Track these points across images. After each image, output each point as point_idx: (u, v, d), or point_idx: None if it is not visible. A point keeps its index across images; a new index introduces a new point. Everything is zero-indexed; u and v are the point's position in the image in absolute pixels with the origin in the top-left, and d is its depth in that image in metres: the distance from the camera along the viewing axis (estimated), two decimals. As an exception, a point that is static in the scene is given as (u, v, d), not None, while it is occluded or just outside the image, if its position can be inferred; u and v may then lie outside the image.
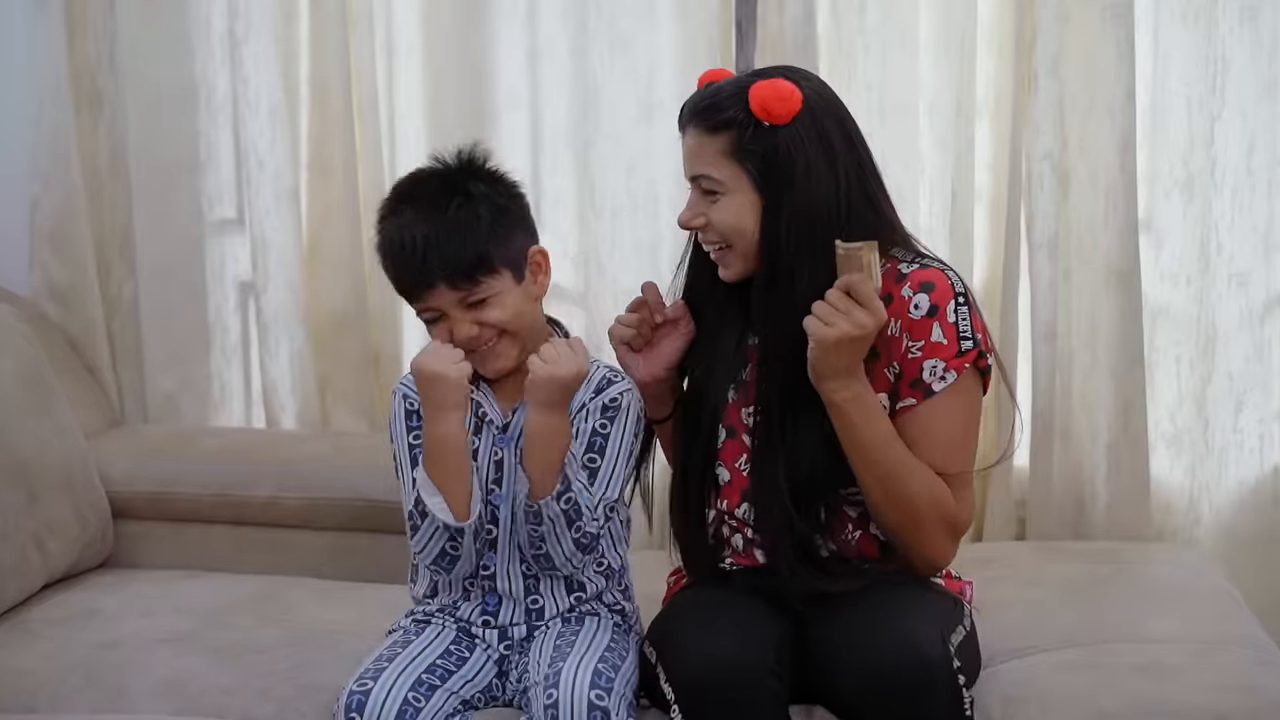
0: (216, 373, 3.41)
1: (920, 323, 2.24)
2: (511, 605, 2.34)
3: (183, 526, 3.01)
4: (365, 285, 3.29)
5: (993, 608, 2.48)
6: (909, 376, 2.25)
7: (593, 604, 2.36)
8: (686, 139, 2.29)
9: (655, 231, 3.20)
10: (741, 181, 2.25)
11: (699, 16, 3.12)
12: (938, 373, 2.24)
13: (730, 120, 2.23)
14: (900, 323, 2.25)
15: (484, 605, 2.34)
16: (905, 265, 2.29)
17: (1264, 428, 3.12)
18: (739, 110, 2.23)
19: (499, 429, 2.33)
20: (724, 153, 2.25)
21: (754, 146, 2.23)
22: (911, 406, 2.26)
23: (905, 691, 2.09)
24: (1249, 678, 2.30)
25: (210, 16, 3.29)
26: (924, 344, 2.24)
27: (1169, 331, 3.13)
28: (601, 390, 2.33)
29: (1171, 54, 3.07)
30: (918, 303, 2.24)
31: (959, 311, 2.25)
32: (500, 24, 3.24)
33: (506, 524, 2.32)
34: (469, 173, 2.30)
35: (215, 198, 3.37)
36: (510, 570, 2.33)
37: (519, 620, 2.34)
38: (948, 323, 2.24)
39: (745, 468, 2.33)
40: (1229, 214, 3.07)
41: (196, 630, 2.55)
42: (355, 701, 2.17)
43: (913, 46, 3.09)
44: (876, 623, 2.15)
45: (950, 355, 2.24)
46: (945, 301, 2.24)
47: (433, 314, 2.28)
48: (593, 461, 2.29)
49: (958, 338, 2.24)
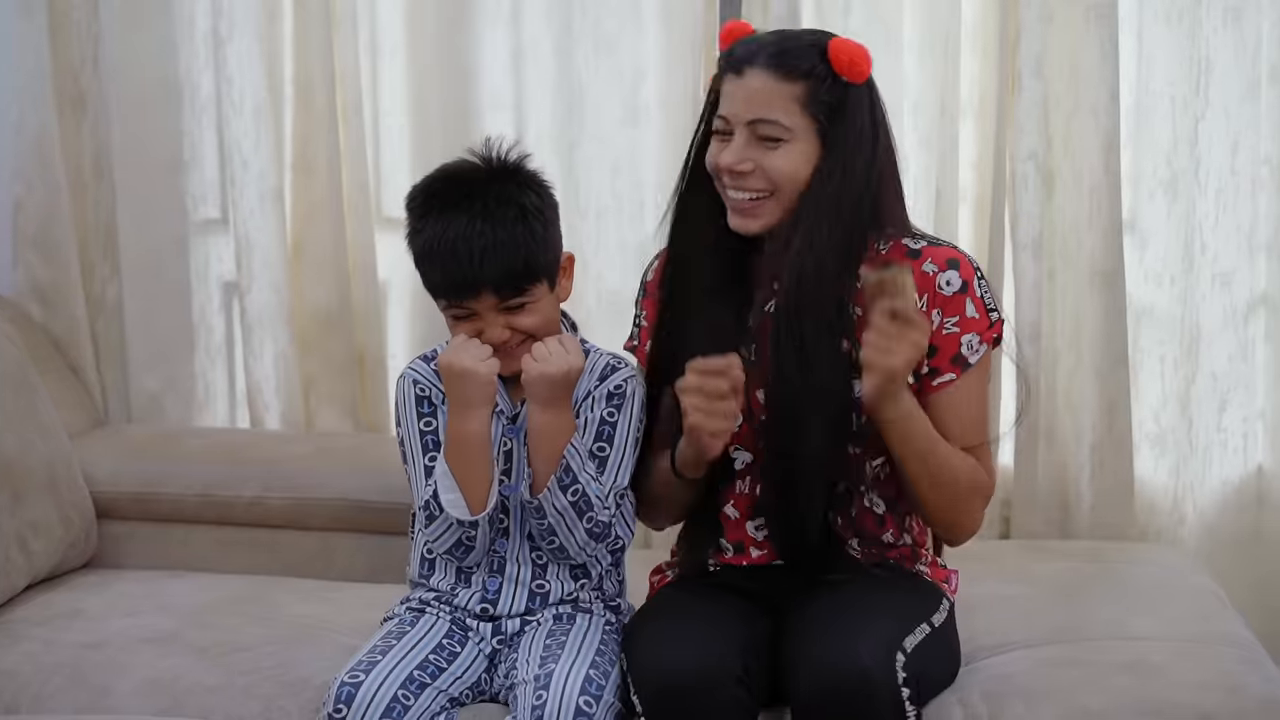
0: (201, 373, 3.40)
1: (954, 299, 2.26)
2: (514, 590, 2.35)
3: (167, 527, 3.00)
4: (350, 285, 3.28)
5: (977, 606, 2.49)
6: (948, 352, 2.26)
7: (591, 595, 2.36)
8: (749, 79, 2.24)
9: (641, 232, 3.20)
10: (808, 132, 2.23)
11: (683, 18, 3.13)
12: (973, 346, 2.27)
13: (809, 70, 2.22)
14: (928, 298, 2.26)
15: (484, 592, 2.35)
16: (912, 242, 2.29)
17: (1247, 427, 3.13)
18: (818, 61, 2.23)
19: (508, 419, 2.34)
20: (797, 100, 2.22)
21: (826, 98, 2.23)
22: (952, 381, 2.27)
23: (843, 703, 2.08)
24: (1232, 676, 2.30)
25: (194, 16, 3.28)
26: (959, 319, 2.26)
27: (1153, 331, 3.14)
28: (605, 378, 2.35)
29: (1155, 54, 3.07)
30: (949, 279, 2.26)
31: (981, 285, 2.28)
32: (485, 24, 3.24)
33: (517, 513, 2.34)
34: (517, 179, 2.31)
35: (199, 198, 3.36)
36: (520, 556, 2.35)
37: (518, 610, 2.34)
38: (976, 297, 2.27)
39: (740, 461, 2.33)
40: (1213, 214, 3.08)
41: (181, 630, 2.54)
42: (345, 693, 2.18)
43: (897, 46, 3.09)
44: (822, 634, 2.14)
45: (984, 329, 2.27)
46: (971, 277, 2.27)
47: (465, 312, 2.29)
48: (602, 450, 2.31)
49: (986, 311, 2.27)
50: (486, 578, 2.35)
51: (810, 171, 2.24)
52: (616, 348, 3.15)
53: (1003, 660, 2.37)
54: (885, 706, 2.09)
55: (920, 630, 2.22)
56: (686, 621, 2.23)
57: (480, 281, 2.25)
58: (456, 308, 2.29)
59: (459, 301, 2.28)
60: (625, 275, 3.19)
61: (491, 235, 2.25)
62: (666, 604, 2.34)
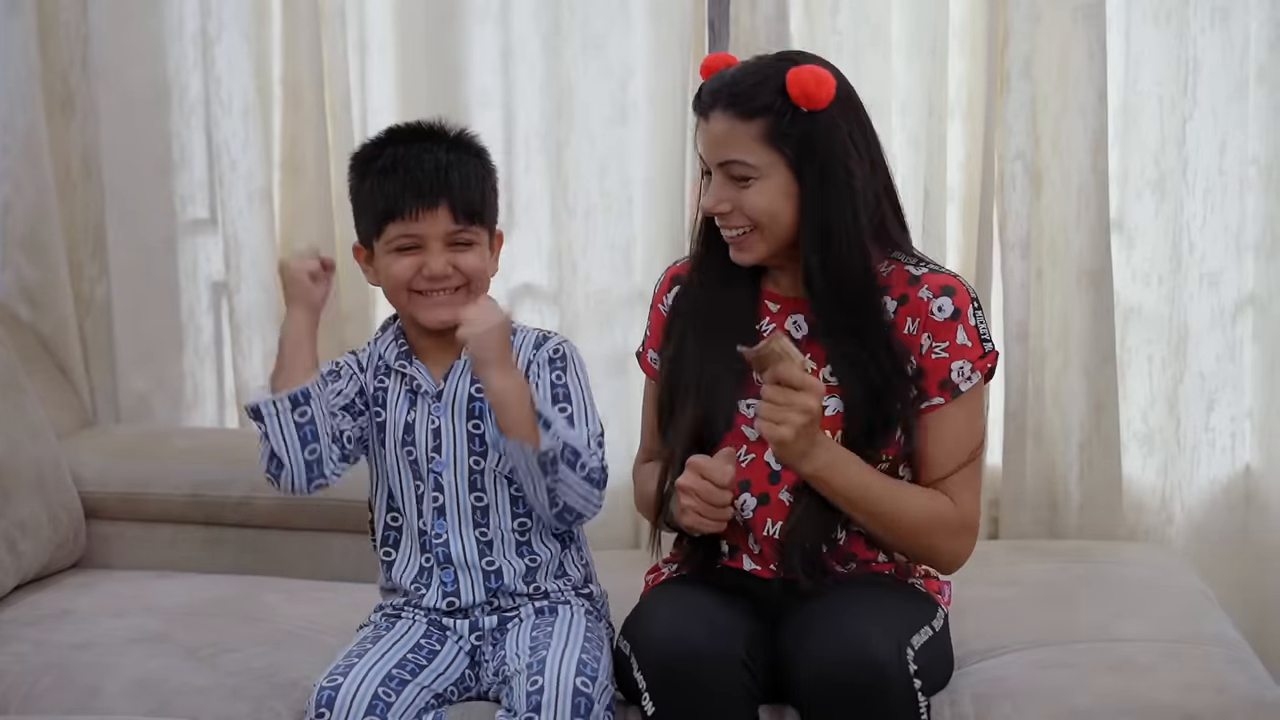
0: (189, 373, 3.40)
1: (944, 324, 2.26)
2: (469, 576, 2.35)
3: (155, 527, 3.00)
4: (338, 285, 3.28)
5: (966, 607, 2.49)
6: (936, 375, 2.27)
7: (560, 588, 2.37)
8: (713, 124, 2.25)
9: (629, 232, 3.20)
10: (777, 166, 2.24)
11: (672, 16, 3.13)
12: (964, 373, 2.27)
13: (766, 106, 2.22)
14: (919, 321, 2.27)
15: (443, 586, 2.35)
16: (913, 268, 2.30)
17: (1235, 426, 3.14)
18: (774, 96, 2.22)
19: (433, 397, 2.36)
20: (759, 138, 2.23)
21: (791, 131, 2.22)
22: (940, 405, 2.28)
23: (856, 696, 2.09)
24: (1220, 676, 2.31)
25: (183, 16, 3.28)
26: (949, 345, 2.27)
27: (1141, 331, 3.14)
28: (540, 345, 2.36)
29: (1143, 55, 3.08)
30: (940, 305, 2.27)
31: (976, 315, 2.29)
32: (473, 23, 3.24)
33: (452, 489, 2.34)
34: (473, 146, 2.38)
35: (188, 198, 3.36)
36: (464, 534, 2.35)
37: (480, 598, 2.34)
38: (970, 326, 2.27)
39: (745, 459, 2.33)
40: (1200, 214, 3.08)
41: (169, 630, 2.54)
42: (325, 697, 2.19)
43: (885, 46, 3.09)
44: (833, 626, 2.15)
45: (975, 357, 2.27)
46: (966, 306, 2.28)
47: (411, 241, 2.30)
48: (564, 410, 2.31)
49: (980, 340, 2.28)
50: (440, 571, 2.36)
51: (792, 203, 2.25)
52: (604, 349, 3.18)
53: (992, 662, 2.37)
54: (899, 696, 2.11)
55: (924, 631, 2.24)
56: (692, 605, 2.24)
57: (440, 193, 2.28)
58: (405, 234, 2.29)
59: (411, 221, 2.28)
60: (614, 274, 3.19)
61: (456, 159, 2.31)
62: (671, 592, 2.35)
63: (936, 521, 2.28)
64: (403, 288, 2.32)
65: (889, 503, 2.26)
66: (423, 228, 2.29)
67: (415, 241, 2.30)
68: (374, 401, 2.39)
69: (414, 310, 2.33)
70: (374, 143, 2.38)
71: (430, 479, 2.35)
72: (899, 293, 2.28)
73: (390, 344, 2.40)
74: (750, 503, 2.32)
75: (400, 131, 2.38)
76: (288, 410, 2.28)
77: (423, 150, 2.31)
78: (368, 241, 2.36)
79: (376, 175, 2.32)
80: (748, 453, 2.33)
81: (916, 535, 2.29)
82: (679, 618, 2.20)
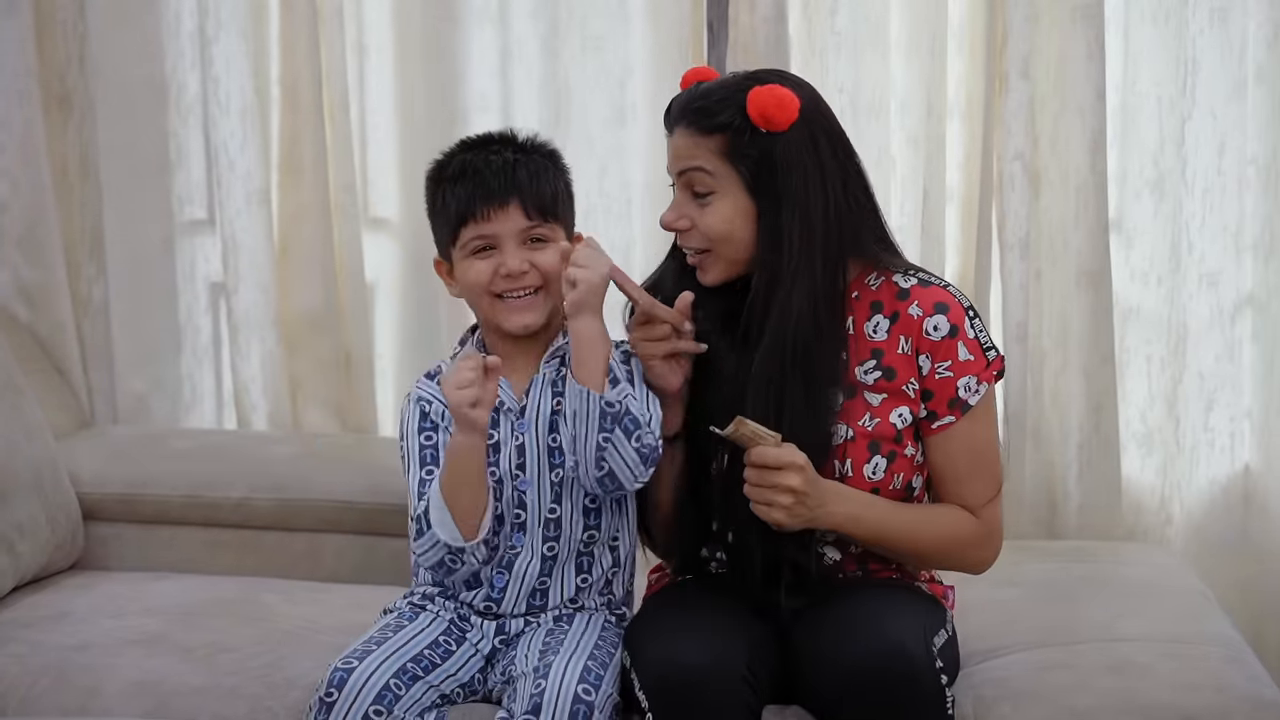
0: (187, 374, 3.40)
1: (943, 344, 2.25)
2: (519, 587, 2.34)
3: (153, 528, 3.00)
4: (337, 285, 3.28)
5: (966, 607, 2.49)
6: (944, 396, 2.26)
7: (594, 597, 2.36)
8: (676, 137, 2.26)
9: (628, 233, 3.20)
10: (734, 184, 2.22)
11: (670, 17, 3.13)
12: (971, 388, 2.27)
13: (725, 124, 2.21)
14: (912, 341, 2.26)
15: (490, 589, 2.35)
16: (901, 279, 2.28)
17: (1234, 427, 3.14)
18: (735, 114, 2.20)
19: (516, 414, 2.34)
20: (717, 153, 2.22)
21: (750, 151, 2.20)
22: (952, 424, 2.27)
23: (889, 690, 2.08)
24: (1220, 676, 2.30)
25: (180, 16, 3.28)
26: (951, 363, 2.26)
27: (1140, 331, 3.14)
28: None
29: (1142, 55, 3.08)
30: (936, 324, 2.25)
31: (974, 325, 2.27)
32: (471, 24, 3.24)
33: (534, 506, 2.33)
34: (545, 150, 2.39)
35: (186, 198, 3.36)
36: (534, 545, 2.34)
37: (519, 610, 2.34)
38: (969, 339, 2.26)
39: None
40: (1199, 214, 3.08)
41: (167, 631, 2.54)
42: (338, 677, 2.19)
43: (884, 47, 3.09)
44: (860, 622, 2.15)
45: (980, 369, 2.27)
46: (961, 320, 2.26)
47: (485, 242, 2.29)
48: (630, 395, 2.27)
49: (982, 351, 2.27)
50: (494, 574, 2.35)
51: (750, 226, 2.23)
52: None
53: (992, 663, 2.37)
54: (929, 690, 2.11)
55: (941, 633, 2.25)
56: (691, 618, 2.23)
57: (510, 191, 2.28)
58: (479, 235, 2.29)
59: (485, 221, 2.28)
60: (612, 276, 3.19)
61: (525, 160, 2.32)
62: (670, 601, 2.34)
63: (960, 541, 2.30)
64: (483, 291, 2.30)
65: (910, 539, 2.27)
66: (495, 227, 2.29)
67: (489, 242, 2.29)
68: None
69: (496, 316, 2.31)
70: (445, 155, 2.37)
71: (515, 496, 2.33)
72: (890, 310, 2.26)
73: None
74: None
75: (470, 141, 2.38)
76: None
77: (490, 153, 2.32)
78: (446, 253, 2.35)
79: (448, 183, 2.31)
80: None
81: (943, 557, 2.32)
82: (678, 635, 2.18)
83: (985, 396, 2.28)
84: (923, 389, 2.27)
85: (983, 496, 2.31)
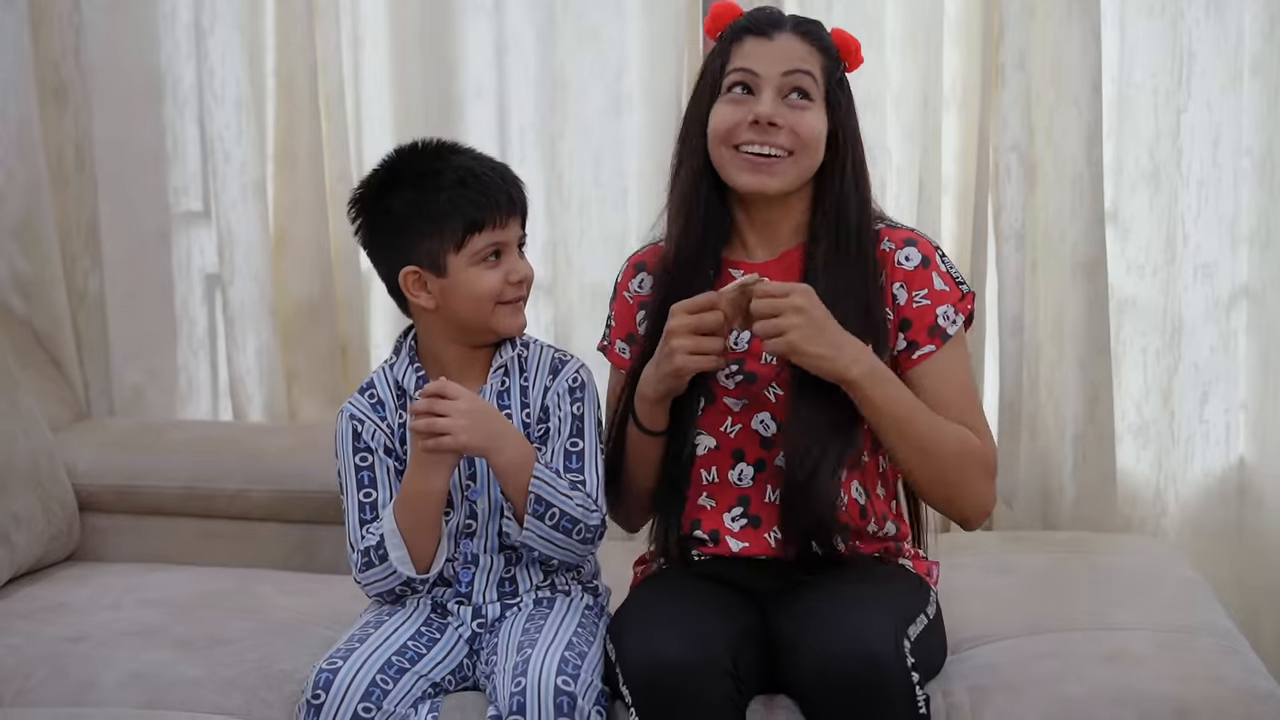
0: (183, 365, 3.39)
1: (917, 273, 2.29)
2: (484, 582, 2.36)
3: (150, 519, 3.00)
4: (333, 277, 3.28)
5: (960, 597, 2.49)
6: (923, 323, 2.28)
7: (568, 580, 2.37)
8: (780, 41, 2.30)
9: (623, 223, 3.20)
10: (822, 101, 2.31)
11: (666, 8, 3.13)
12: (949, 317, 2.29)
13: (828, 46, 2.33)
14: (886, 274, 2.29)
15: (458, 585, 2.36)
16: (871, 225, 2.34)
17: (1229, 418, 3.14)
18: (830, 42, 2.34)
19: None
20: (820, 69, 2.30)
21: (836, 76, 2.32)
22: (932, 353, 2.29)
23: (855, 690, 2.08)
24: (1214, 667, 2.31)
25: (176, 7, 3.28)
26: (928, 291, 2.29)
27: (1135, 323, 3.14)
28: (557, 371, 2.36)
29: (1138, 46, 3.08)
30: (907, 255, 2.30)
31: (945, 261, 2.32)
32: (467, 15, 3.24)
33: (485, 515, 2.34)
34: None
35: (181, 189, 3.36)
36: (490, 549, 2.35)
37: (492, 598, 2.35)
38: (942, 271, 2.30)
39: (732, 430, 2.32)
40: (1195, 205, 3.08)
41: (164, 623, 2.54)
42: (324, 679, 2.20)
43: (880, 38, 3.09)
44: (830, 620, 2.14)
45: (955, 300, 2.30)
46: (932, 253, 2.31)
47: (496, 248, 2.29)
48: (575, 445, 2.32)
49: (955, 284, 2.31)
50: (459, 569, 2.36)
51: (823, 144, 2.31)
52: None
53: (985, 651, 2.37)
54: (898, 692, 2.10)
55: (919, 621, 2.24)
56: (675, 613, 2.23)
57: (515, 199, 2.31)
58: (493, 242, 2.28)
59: (493, 228, 2.28)
60: (608, 267, 3.17)
61: (505, 166, 2.35)
62: (654, 595, 2.34)
63: (972, 454, 2.28)
64: (491, 299, 2.29)
65: (928, 426, 2.24)
66: (506, 234, 2.30)
67: (499, 248, 2.30)
68: (403, 441, 2.35)
69: (495, 322, 2.31)
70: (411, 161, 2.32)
71: (465, 507, 2.34)
72: None
73: (407, 369, 2.37)
74: (748, 472, 2.32)
75: (425, 147, 2.34)
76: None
77: (471, 161, 2.31)
78: (436, 260, 2.29)
79: (453, 188, 2.27)
80: (734, 423, 2.32)
81: (952, 467, 2.26)
82: (662, 633, 2.17)
83: (961, 333, 2.30)
84: (900, 319, 2.28)
85: (981, 428, 2.31)
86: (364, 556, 2.31)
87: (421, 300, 2.31)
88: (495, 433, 2.24)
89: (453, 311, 2.31)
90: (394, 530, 2.27)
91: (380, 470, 2.34)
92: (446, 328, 2.34)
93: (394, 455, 2.35)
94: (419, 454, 2.23)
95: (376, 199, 2.32)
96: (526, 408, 2.35)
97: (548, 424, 2.34)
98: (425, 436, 2.20)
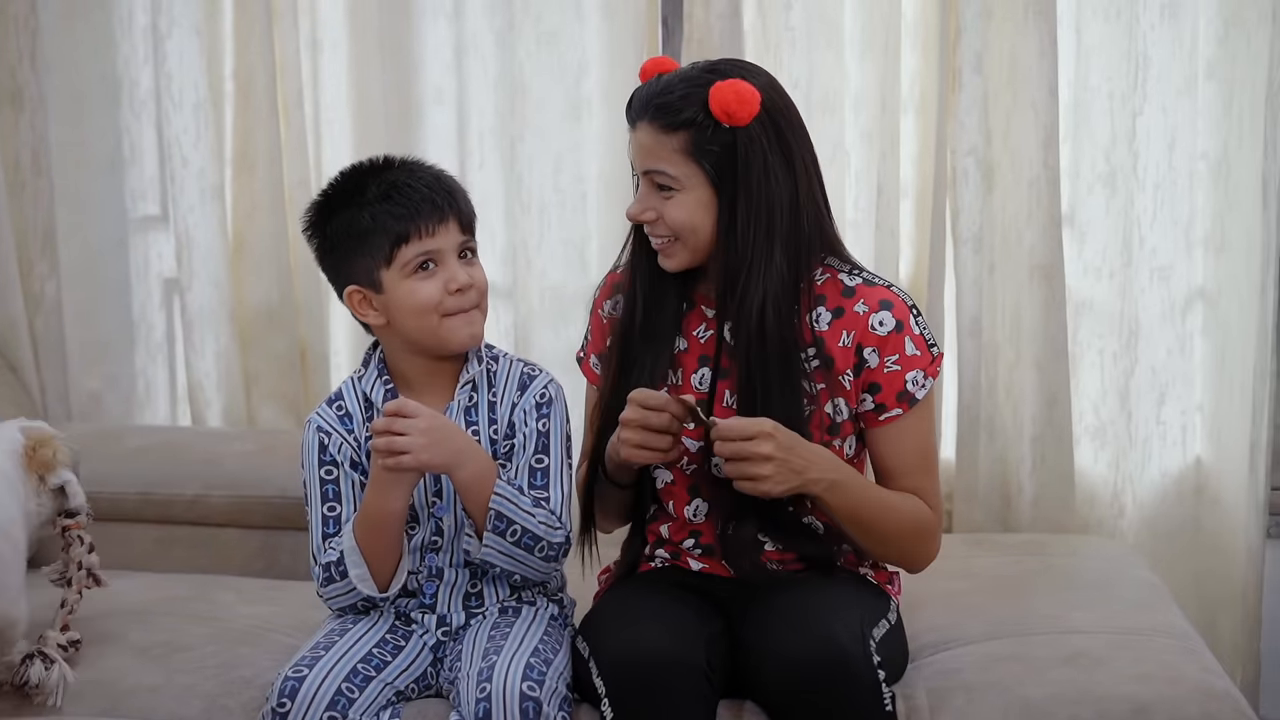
0: (141, 370, 3.38)
1: (890, 338, 2.27)
2: (449, 595, 2.35)
3: (107, 526, 2.95)
4: (291, 281, 3.27)
5: (919, 599, 2.50)
6: (893, 389, 2.28)
7: (534, 593, 2.37)
8: (639, 134, 2.26)
9: (583, 227, 3.20)
10: (698, 179, 2.23)
11: (625, 11, 3.13)
12: (919, 382, 2.29)
13: (689, 120, 2.21)
14: (855, 335, 2.27)
15: (422, 597, 2.36)
16: (846, 277, 2.30)
17: (1186, 420, 3.16)
18: (697, 110, 2.21)
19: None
20: (680, 151, 2.23)
21: (712, 146, 2.22)
22: (899, 416, 2.29)
23: (823, 687, 2.10)
24: (1172, 667, 2.32)
25: (133, 11, 3.27)
26: (899, 357, 2.27)
27: (1092, 325, 3.16)
28: (525, 387, 2.35)
29: (1094, 50, 3.09)
30: (882, 320, 2.27)
31: (919, 323, 2.29)
32: (426, 19, 3.23)
33: (450, 531, 2.34)
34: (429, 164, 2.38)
35: (139, 194, 3.35)
36: (455, 563, 2.35)
37: (457, 608, 2.35)
38: (915, 335, 2.28)
39: (688, 469, 2.34)
40: (1151, 209, 3.10)
41: (121, 630, 2.52)
42: (289, 687, 2.19)
43: (838, 42, 3.10)
44: (796, 620, 2.16)
45: (926, 364, 2.29)
46: (906, 317, 2.28)
47: (428, 258, 2.27)
48: (540, 461, 2.31)
49: (927, 347, 2.29)
50: (424, 582, 2.35)
51: (711, 217, 2.24)
52: (560, 345, 3.17)
53: (946, 656, 2.38)
54: (864, 688, 2.11)
55: (882, 624, 2.26)
56: (651, 609, 2.24)
57: (448, 205, 2.27)
58: (423, 251, 2.26)
59: (427, 237, 2.25)
60: (568, 270, 3.19)
61: (441, 174, 2.32)
62: (626, 595, 2.35)
63: (924, 530, 2.31)
64: (433, 311, 2.27)
65: (882, 516, 2.27)
66: (438, 242, 2.27)
67: (432, 258, 2.27)
68: (369, 455, 2.31)
69: (445, 335, 2.29)
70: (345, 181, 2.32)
71: (430, 523, 2.34)
72: (833, 304, 2.29)
73: (375, 383, 2.36)
74: (703, 508, 2.34)
75: (362, 166, 2.33)
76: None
77: (405, 173, 2.29)
78: (372, 277, 2.29)
79: (376, 203, 2.26)
80: (689, 463, 2.33)
81: (906, 545, 2.32)
82: (638, 625, 2.19)
83: (929, 395, 2.31)
84: (869, 382, 2.28)
85: (932, 491, 2.32)
86: (325, 571, 2.30)
87: (370, 318, 2.31)
88: (456, 449, 2.23)
89: (400, 326, 2.30)
90: (354, 548, 2.26)
91: (345, 484, 2.33)
92: (403, 343, 2.33)
93: (359, 469, 2.34)
94: (379, 472, 2.22)
95: (316, 223, 2.33)
96: (494, 424, 2.35)
97: (514, 440, 2.33)
98: (385, 455, 2.20)
